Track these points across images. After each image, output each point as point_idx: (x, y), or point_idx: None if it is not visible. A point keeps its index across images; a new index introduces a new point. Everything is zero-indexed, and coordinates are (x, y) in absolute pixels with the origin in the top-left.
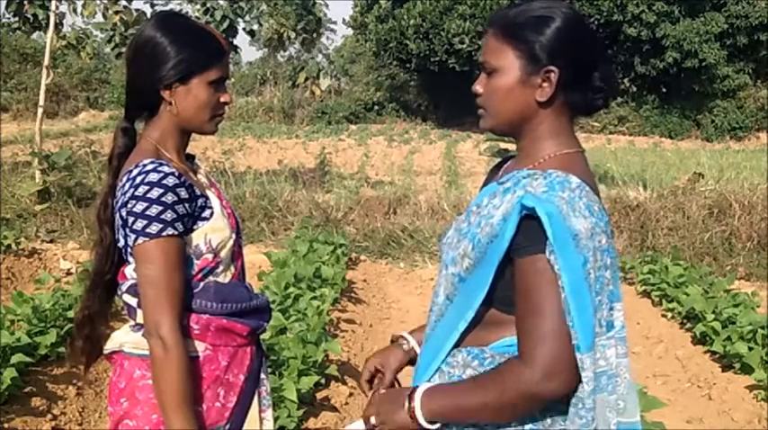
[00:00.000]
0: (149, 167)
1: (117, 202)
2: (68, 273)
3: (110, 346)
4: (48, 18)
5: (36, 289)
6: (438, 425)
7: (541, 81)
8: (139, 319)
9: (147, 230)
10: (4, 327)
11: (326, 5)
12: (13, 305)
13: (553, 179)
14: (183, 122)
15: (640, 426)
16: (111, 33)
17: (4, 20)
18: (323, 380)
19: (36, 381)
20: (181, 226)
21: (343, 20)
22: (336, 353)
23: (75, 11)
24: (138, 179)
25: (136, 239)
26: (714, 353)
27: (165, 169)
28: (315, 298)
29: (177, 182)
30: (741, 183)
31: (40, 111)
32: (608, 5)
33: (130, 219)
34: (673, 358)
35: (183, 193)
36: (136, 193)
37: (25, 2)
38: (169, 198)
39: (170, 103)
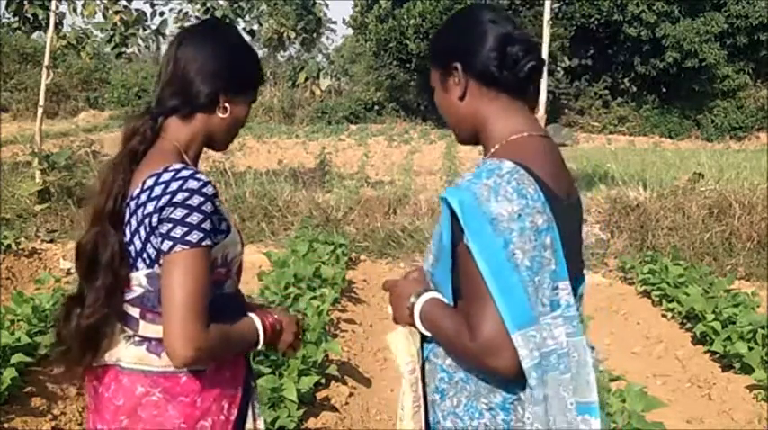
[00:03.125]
0: (185, 173)
1: (141, 205)
2: (68, 273)
3: (104, 360)
4: (48, 18)
5: (36, 289)
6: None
7: (454, 79)
8: (142, 332)
9: (188, 239)
10: (4, 327)
11: (326, 5)
12: (13, 305)
13: (484, 167)
14: (213, 133)
15: (597, 406)
16: (111, 33)
17: (4, 20)
18: (323, 380)
19: (36, 381)
20: (213, 237)
21: (343, 20)
22: (336, 353)
23: (75, 11)
24: (175, 185)
25: (173, 247)
26: (714, 353)
27: (203, 177)
28: (315, 298)
29: (214, 192)
30: (741, 183)
31: (40, 111)
32: (608, 5)
33: (166, 227)
34: (673, 358)
35: (216, 205)
36: (174, 200)
37: (25, 2)
38: (208, 207)
39: (223, 109)
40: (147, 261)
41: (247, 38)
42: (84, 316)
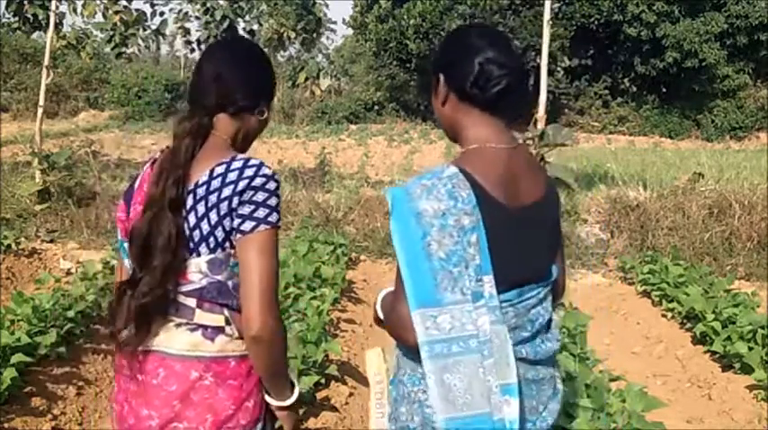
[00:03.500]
0: (255, 162)
1: (213, 190)
2: (68, 273)
3: (150, 345)
4: (48, 18)
5: (36, 289)
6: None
7: (439, 87)
8: (197, 320)
9: (269, 219)
10: (4, 327)
11: (326, 5)
12: (13, 305)
13: (432, 170)
14: (249, 133)
15: (516, 387)
16: (111, 33)
17: (4, 20)
18: (323, 380)
19: (36, 381)
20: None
21: (343, 20)
22: (336, 353)
23: (75, 11)
24: (250, 171)
25: (256, 227)
26: (714, 353)
27: (270, 166)
28: (315, 298)
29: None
30: (741, 183)
31: (40, 111)
32: (608, 5)
33: (248, 208)
34: (673, 358)
35: None
36: (253, 184)
37: (25, 2)
38: (279, 193)
39: (260, 113)
40: (212, 244)
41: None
42: (138, 295)
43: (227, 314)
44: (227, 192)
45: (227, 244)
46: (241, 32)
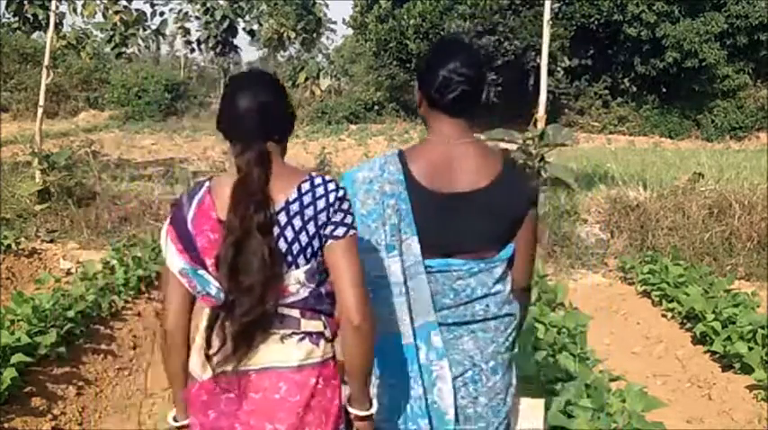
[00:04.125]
0: (329, 178)
1: (307, 205)
2: (68, 273)
3: (263, 363)
4: (48, 18)
5: (36, 289)
6: None
7: (417, 94)
8: (303, 328)
9: (354, 224)
10: (4, 327)
11: (326, 5)
12: (13, 305)
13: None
14: (282, 157)
15: (437, 323)
16: (111, 33)
17: (4, 20)
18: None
19: (36, 381)
20: None
21: (343, 20)
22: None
23: (75, 11)
24: (332, 185)
25: (347, 232)
26: (714, 353)
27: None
28: None
29: None
30: (741, 183)
31: (40, 111)
32: (608, 5)
33: (339, 216)
34: (673, 358)
35: None
36: (339, 196)
37: (25, 2)
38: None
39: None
40: (309, 255)
41: (247, 38)
42: (237, 316)
43: (324, 319)
44: (321, 204)
45: (320, 252)
46: (241, 32)
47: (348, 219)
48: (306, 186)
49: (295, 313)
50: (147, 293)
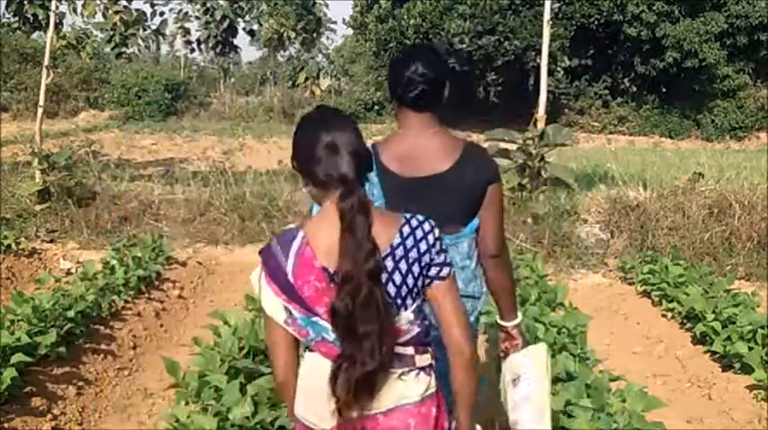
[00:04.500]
0: (421, 218)
1: (410, 248)
2: (68, 273)
3: (388, 404)
4: (48, 18)
5: (36, 289)
6: None
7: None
8: (419, 364)
9: (450, 261)
10: (4, 327)
11: (326, 5)
12: (13, 305)
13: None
14: None
15: None
16: (111, 33)
17: (4, 20)
18: None
19: (36, 381)
20: None
21: (343, 20)
22: None
23: (75, 11)
24: (427, 226)
25: (450, 270)
26: (714, 353)
27: None
28: None
29: None
30: (741, 183)
31: (40, 111)
32: (608, 5)
33: (441, 257)
34: (673, 358)
35: None
36: (436, 236)
37: (25, 2)
38: None
39: None
40: (414, 295)
41: (247, 38)
42: (359, 365)
43: (430, 351)
44: (423, 247)
45: (423, 291)
46: (241, 32)
47: (447, 258)
48: (406, 230)
49: (410, 350)
50: (147, 293)
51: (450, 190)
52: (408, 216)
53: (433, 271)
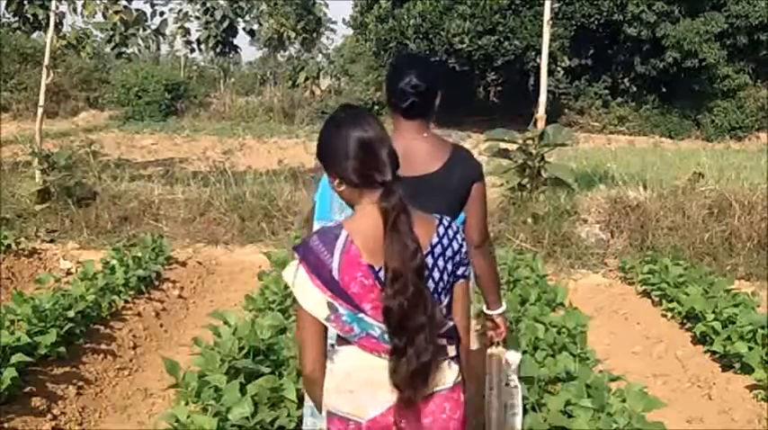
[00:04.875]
0: (448, 219)
1: (447, 247)
2: (68, 273)
3: (442, 384)
4: (48, 18)
5: (36, 289)
6: None
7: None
8: (451, 353)
9: (468, 261)
10: (4, 327)
11: (326, 5)
12: (13, 305)
13: None
14: None
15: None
16: (111, 33)
17: (4, 20)
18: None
19: (36, 381)
20: None
21: (343, 20)
22: None
23: (75, 11)
24: (455, 226)
25: (469, 270)
26: (714, 353)
27: None
28: None
29: None
30: (741, 183)
31: (40, 110)
32: (608, 5)
33: (466, 258)
34: (673, 358)
35: None
36: (462, 237)
37: (25, 2)
38: None
39: None
40: (447, 291)
41: (247, 38)
42: (414, 357)
43: (455, 342)
44: (455, 246)
45: (459, 282)
46: (241, 32)
47: (466, 259)
48: (441, 230)
49: (444, 341)
50: (147, 293)
51: (440, 188)
52: (439, 217)
53: (461, 269)
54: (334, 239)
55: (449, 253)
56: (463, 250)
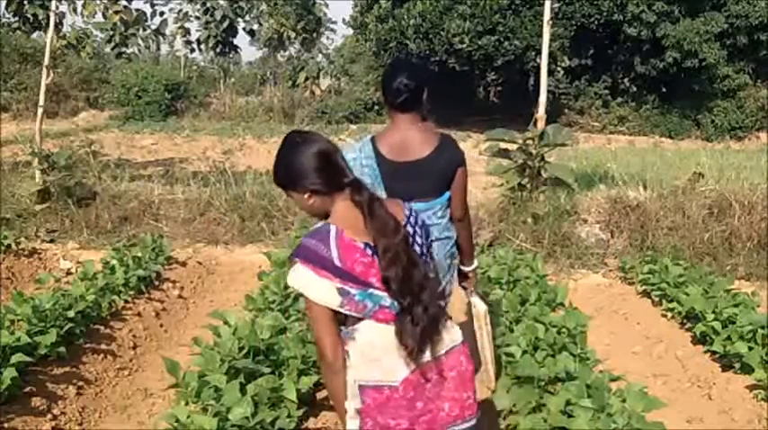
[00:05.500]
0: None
1: (415, 223)
2: (68, 273)
3: (447, 345)
4: (48, 18)
5: (36, 289)
6: None
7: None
8: (449, 312)
9: None
10: (4, 327)
11: (326, 5)
12: (13, 305)
13: (363, 139)
14: None
15: None
16: (111, 33)
17: (4, 20)
18: (323, 380)
19: (36, 381)
20: None
21: (343, 20)
22: None
23: (75, 11)
24: (415, 210)
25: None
26: (714, 353)
27: None
28: None
29: None
30: (741, 183)
31: (40, 111)
32: (608, 5)
33: (430, 225)
34: (673, 358)
35: None
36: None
37: (25, 2)
38: None
39: None
40: (428, 255)
41: (247, 38)
42: (421, 313)
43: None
44: (420, 221)
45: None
46: (241, 32)
47: (432, 226)
48: (407, 209)
49: (442, 303)
50: (147, 293)
51: (430, 170)
52: (398, 200)
53: (433, 234)
54: (326, 234)
55: (419, 222)
56: (427, 221)
